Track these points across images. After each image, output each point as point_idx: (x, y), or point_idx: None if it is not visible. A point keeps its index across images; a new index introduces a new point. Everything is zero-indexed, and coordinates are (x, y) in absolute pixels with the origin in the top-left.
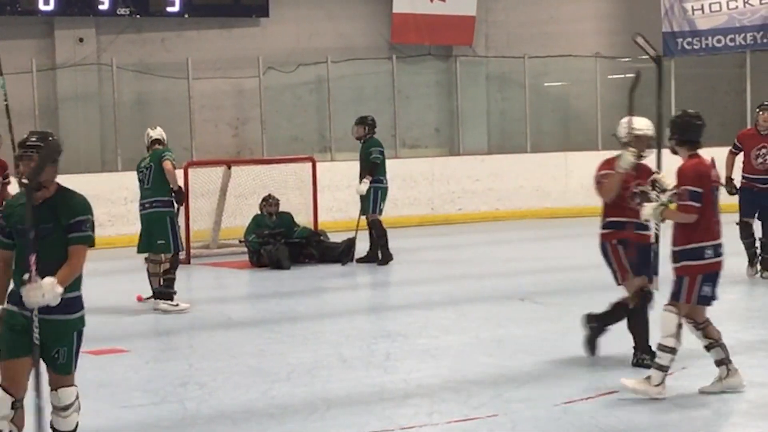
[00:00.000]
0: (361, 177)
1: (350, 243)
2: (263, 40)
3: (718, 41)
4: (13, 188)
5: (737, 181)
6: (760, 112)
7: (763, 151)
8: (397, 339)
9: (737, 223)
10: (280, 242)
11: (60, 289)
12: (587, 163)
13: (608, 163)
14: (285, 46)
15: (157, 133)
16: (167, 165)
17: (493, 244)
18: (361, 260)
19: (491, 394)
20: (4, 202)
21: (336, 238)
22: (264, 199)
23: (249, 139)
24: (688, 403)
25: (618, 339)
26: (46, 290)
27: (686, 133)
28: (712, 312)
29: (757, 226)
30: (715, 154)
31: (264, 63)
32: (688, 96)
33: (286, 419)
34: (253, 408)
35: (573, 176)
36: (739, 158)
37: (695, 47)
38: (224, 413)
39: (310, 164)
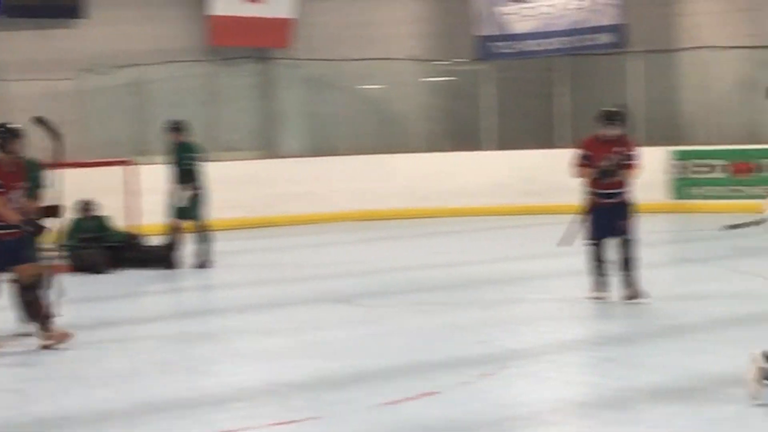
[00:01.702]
0: (180, 181)
1: (169, 247)
2: (80, 42)
3: (531, 45)
4: None
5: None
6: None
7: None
8: (216, 342)
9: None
10: (96, 246)
11: None
12: (407, 165)
13: None
14: (102, 49)
15: None
16: None
17: (314, 247)
18: (180, 265)
19: (311, 397)
20: None
21: (155, 242)
22: (81, 203)
23: (66, 143)
24: (507, 401)
25: (440, 339)
26: None
27: None
28: (534, 311)
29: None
30: (521, 158)
31: (80, 65)
32: (499, 100)
33: (105, 426)
34: (70, 415)
35: (393, 178)
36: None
37: (508, 51)
38: (41, 420)
39: (128, 167)
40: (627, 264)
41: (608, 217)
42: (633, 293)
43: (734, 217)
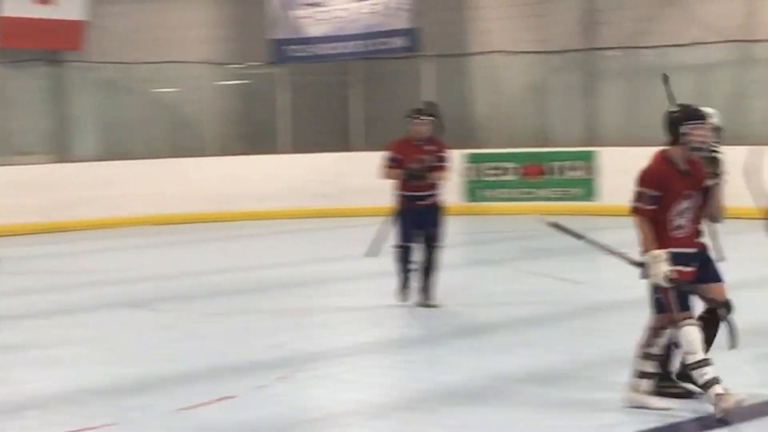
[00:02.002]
0: None
1: None
2: None
3: (325, 49)
4: None
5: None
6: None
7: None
8: (7, 350)
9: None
10: None
11: None
12: (202, 169)
13: None
14: None
15: None
16: None
17: (108, 252)
18: None
19: (106, 403)
20: None
21: None
22: None
23: None
24: (304, 404)
25: (236, 343)
26: None
27: None
28: (331, 315)
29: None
30: (317, 161)
31: None
32: (294, 103)
33: None
34: None
35: (188, 182)
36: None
37: (303, 54)
38: None
39: None
40: (428, 270)
41: (417, 220)
42: (429, 300)
43: (527, 218)
